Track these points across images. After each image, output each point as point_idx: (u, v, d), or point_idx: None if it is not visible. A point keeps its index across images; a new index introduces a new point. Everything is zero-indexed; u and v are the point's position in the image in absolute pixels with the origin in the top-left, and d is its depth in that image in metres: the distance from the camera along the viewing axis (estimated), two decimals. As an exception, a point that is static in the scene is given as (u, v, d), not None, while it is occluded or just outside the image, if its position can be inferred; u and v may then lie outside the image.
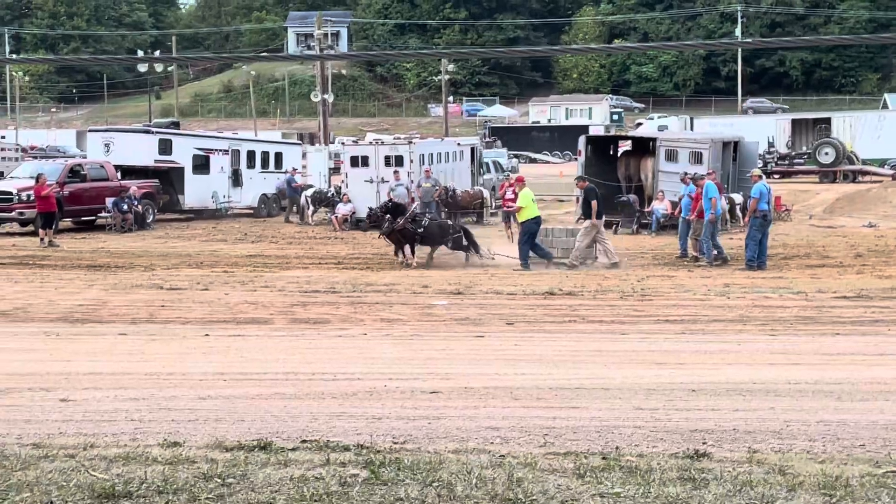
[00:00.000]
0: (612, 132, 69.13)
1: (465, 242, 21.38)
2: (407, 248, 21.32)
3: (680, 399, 8.48)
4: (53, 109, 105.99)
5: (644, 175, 29.72)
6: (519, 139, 79.20)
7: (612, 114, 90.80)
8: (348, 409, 8.04)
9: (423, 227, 21.17)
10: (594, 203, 20.99)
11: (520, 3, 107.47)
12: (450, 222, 21.75)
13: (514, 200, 25.58)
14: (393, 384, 9.24)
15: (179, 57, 65.93)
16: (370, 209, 24.07)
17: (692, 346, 12.00)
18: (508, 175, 31.54)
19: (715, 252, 20.95)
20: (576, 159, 32.88)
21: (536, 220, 20.96)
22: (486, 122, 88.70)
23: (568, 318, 14.10)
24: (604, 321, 13.84)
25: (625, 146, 35.49)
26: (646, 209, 28.56)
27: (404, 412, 7.88)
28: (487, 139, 72.77)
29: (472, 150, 35.61)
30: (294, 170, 36.58)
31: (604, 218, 21.73)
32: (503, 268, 20.32)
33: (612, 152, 32.94)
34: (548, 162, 75.89)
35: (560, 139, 79.27)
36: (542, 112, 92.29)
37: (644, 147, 31.01)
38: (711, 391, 8.89)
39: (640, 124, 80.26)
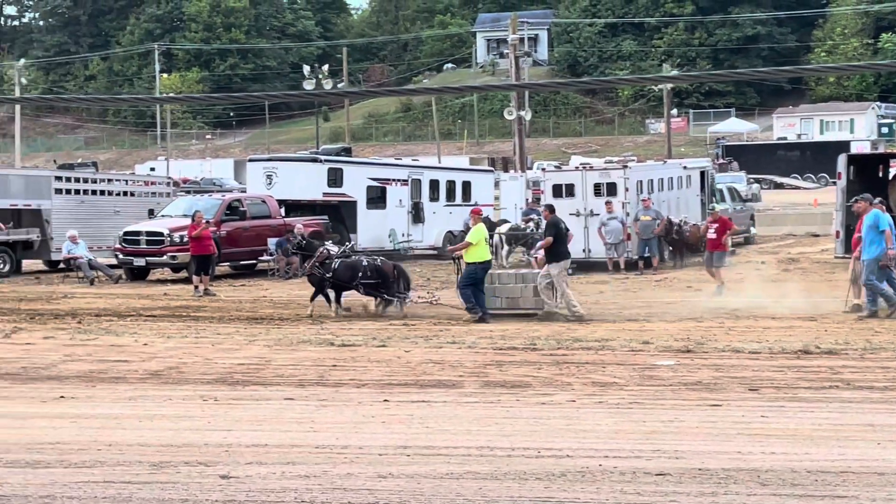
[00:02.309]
0: (881, 149, 66.98)
1: (382, 289, 21.81)
2: (321, 297, 22.14)
3: (979, 489, 8.11)
4: (208, 136, 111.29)
5: (924, 203, 28.65)
6: (760, 160, 77.93)
7: (880, 126, 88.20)
8: (556, 494, 8.05)
9: (332, 272, 21.97)
10: (548, 240, 21.05)
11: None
12: (365, 261, 22.03)
13: (718, 241, 25.05)
14: (609, 463, 9.22)
15: (342, 92, 68.63)
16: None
17: None
18: (714, 208, 30.59)
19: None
20: (834, 183, 32.00)
21: (485, 266, 20.96)
22: (718, 139, 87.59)
23: (829, 382, 13.70)
24: (875, 387, 13.38)
25: (898, 166, 34.31)
26: (927, 245, 27.43)
27: (625, 498, 7.82)
28: (721, 160, 71.88)
29: (702, 174, 35.24)
30: (536, 203, 37.12)
31: (567, 261, 21.54)
32: (743, 320, 19.96)
33: (881, 174, 31.95)
34: (798, 187, 74.29)
35: (813, 159, 77.58)
36: (790, 126, 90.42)
37: (923, 167, 29.93)
38: None
39: (916, 138, 77.63)
